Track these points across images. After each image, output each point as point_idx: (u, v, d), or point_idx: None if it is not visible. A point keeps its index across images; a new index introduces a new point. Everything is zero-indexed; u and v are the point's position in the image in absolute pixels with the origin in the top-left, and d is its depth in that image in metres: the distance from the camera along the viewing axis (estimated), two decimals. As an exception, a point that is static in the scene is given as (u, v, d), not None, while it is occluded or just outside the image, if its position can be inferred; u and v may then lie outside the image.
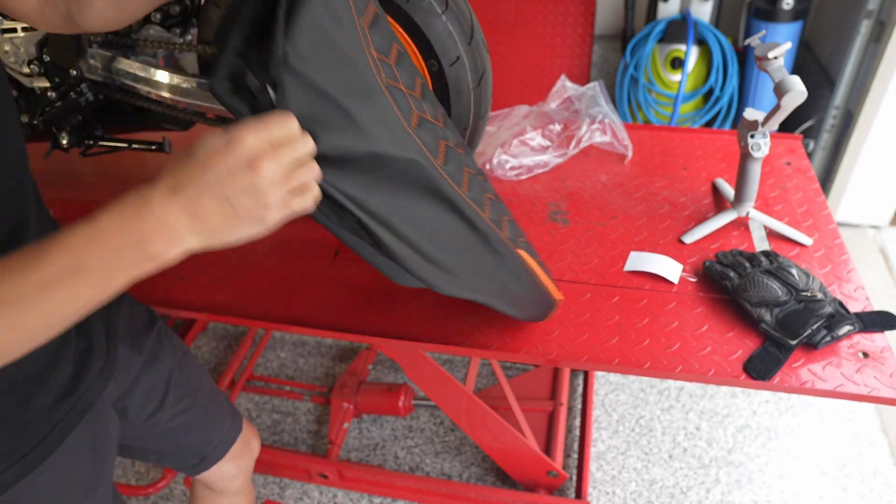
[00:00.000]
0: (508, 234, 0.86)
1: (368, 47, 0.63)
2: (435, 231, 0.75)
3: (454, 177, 0.74)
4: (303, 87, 0.56)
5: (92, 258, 0.52)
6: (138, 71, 1.17)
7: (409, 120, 0.67)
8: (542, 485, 1.64)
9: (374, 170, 0.65)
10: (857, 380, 0.95)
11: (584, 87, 1.52)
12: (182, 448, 1.06)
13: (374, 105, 0.63)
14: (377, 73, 0.63)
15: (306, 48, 0.56)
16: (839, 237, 1.21)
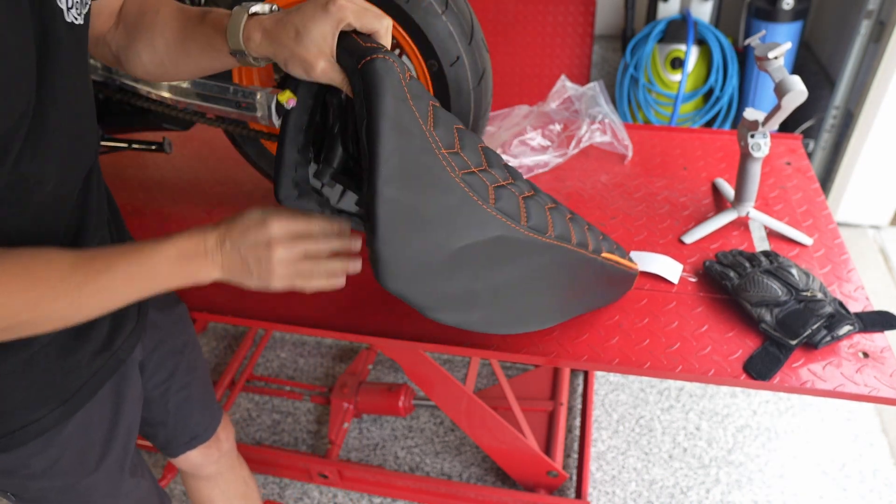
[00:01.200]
0: (593, 247, 0.92)
1: (439, 149, 0.70)
2: (531, 283, 0.85)
3: (539, 227, 0.80)
4: (392, 207, 0.67)
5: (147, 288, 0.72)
6: (138, 71, 1.17)
7: (486, 199, 0.74)
8: (542, 485, 1.64)
9: (468, 256, 0.75)
10: (857, 380, 0.95)
11: (584, 87, 1.52)
12: (180, 423, 1.10)
13: (453, 201, 0.72)
14: (451, 170, 0.71)
15: (388, 172, 0.66)
16: (839, 237, 1.21)
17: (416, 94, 0.69)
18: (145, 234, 1.39)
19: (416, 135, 0.68)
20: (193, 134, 1.70)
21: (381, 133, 0.66)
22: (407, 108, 0.68)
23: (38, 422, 0.77)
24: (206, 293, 1.21)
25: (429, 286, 0.75)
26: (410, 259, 0.71)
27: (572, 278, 0.92)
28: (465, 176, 0.73)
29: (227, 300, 1.19)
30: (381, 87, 0.65)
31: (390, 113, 0.66)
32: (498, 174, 0.80)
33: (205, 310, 1.18)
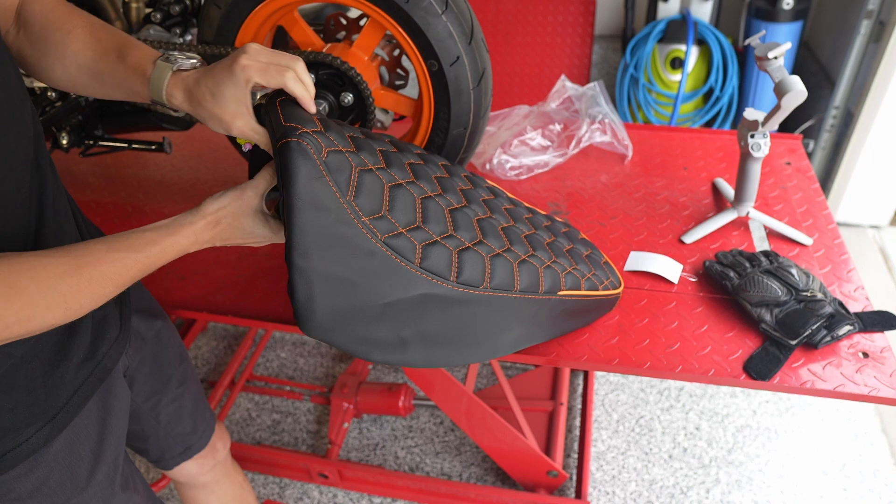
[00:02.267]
0: (546, 287, 0.91)
1: (359, 218, 0.74)
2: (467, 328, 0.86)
3: (471, 280, 0.82)
4: (307, 275, 0.72)
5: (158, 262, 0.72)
6: (138, 71, 1.17)
7: (412, 260, 0.77)
8: (542, 485, 1.64)
9: (393, 310, 0.79)
10: (857, 380, 0.95)
11: (584, 87, 1.52)
12: (172, 435, 1.08)
13: (375, 264, 0.75)
14: (371, 236, 0.74)
15: (302, 246, 0.71)
16: (839, 237, 1.21)
17: (335, 169, 0.73)
18: (145, 234, 1.39)
19: (333, 209, 0.72)
20: (193, 134, 1.70)
21: (294, 211, 0.70)
22: (323, 186, 0.71)
23: (25, 443, 0.74)
24: (206, 293, 1.22)
25: (353, 335, 0.79)
26: (330, 315, 0.76)
27: (520, 319, 0.92)
28: (388, 239, 0.76)
29: (228, 300, 1.20)
30: (294, 169, 0.69)
31: (303, 194, 0.70)
32: (433, 229, 0.81)
33: (205, 310, 1.18)
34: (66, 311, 0.63)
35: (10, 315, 0.58)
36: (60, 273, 0.62)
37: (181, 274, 1.26)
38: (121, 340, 0.89)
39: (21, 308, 0.59)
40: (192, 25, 1.30)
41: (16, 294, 0.59)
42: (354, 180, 0.75)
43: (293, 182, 0.69)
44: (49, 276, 0.61)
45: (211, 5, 1.10)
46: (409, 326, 0.82)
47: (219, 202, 0.76)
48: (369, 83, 1.08)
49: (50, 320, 0.62)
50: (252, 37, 1.14)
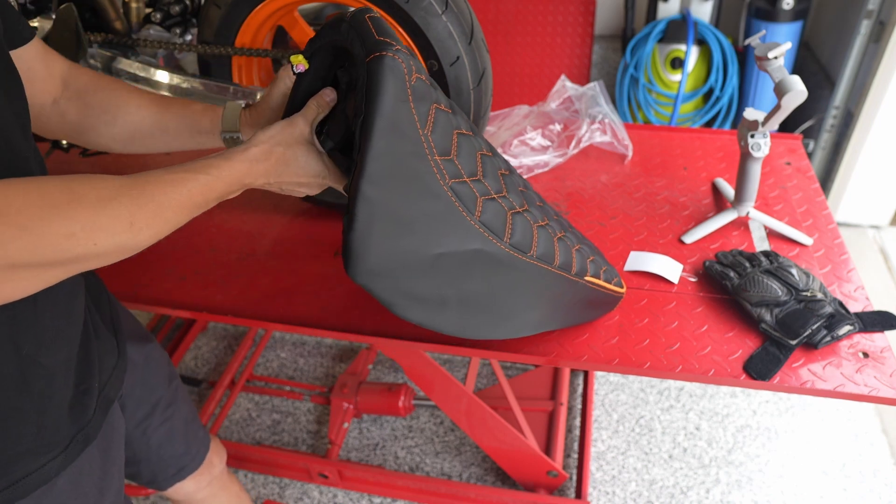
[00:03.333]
0: (577, 269, 0.91)
1: (432, 154, 0.70)
2: (506, 297, 0.84)
3: (521, 245, 0.80)
4: (370, 206, 0.67)
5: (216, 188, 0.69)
6: (138, 71, 1.17)
7: (473, 211, 0.74)
8: (542, 485, 1.64)
9: (444, 264, 0.75)
10: (857, 380, 0.95)
11: (584, 87, 1.52)
12: (164, 457, 1.07)
13: (438, 208, 0.72)
14: (441, 178, 0.71)
15: (374, 171, 0.66)
16: (839, 237, 1.21)
17: (419, 96, 0.69)
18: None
19: (411, 138, 0.68)
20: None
21: (374, 132, 0.66)
22: (406, 110, 0.68)
23: (39, 470, 0.71)
24: (206, 293, 1.22)
25: (397, 285, 0.75)
26: (383, 257, 0.71)
27: (549, 297, 0.91)
28: (454, 184, 0.73)
29: (228, 300, 1.20)
30: (384, 85, 0.65)
31: (387, 113, 0.66)
32: (491, 185, 0.79)
33: (205, 310, 1.18)
34: (131, 228, 0.58)
35: (74, 221, 0.54)
36: (120, 186, 0.59)
37: (181, 274, 1.26)
38: (119, 368, 0.88)
39: (85, 215, 0.55)
40: (192, 25, 1.30)
41: (76, 199, 0.54)
42: (432, 114, 0.71)
43: (380, 99, 0.65)
44: (109, 189, 0.58)
45: (211, 5, 1.10)
46: (452, 286, 0.79)
47: (269, 131, 0.75)
48: (369, 83, 1.08)
49: (117, 236, 0.57)
50: (252, 37, 1.14)
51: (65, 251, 0.54)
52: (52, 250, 0.53)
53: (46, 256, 0.53)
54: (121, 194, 0.58)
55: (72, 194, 0.55)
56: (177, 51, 1.19)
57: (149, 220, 0.60)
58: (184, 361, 2.17)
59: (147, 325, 2.20)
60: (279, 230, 1.36)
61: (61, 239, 0.53)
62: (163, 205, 0.62)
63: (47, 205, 0.53)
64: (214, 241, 1.34)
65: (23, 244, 0.51)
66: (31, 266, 0.52)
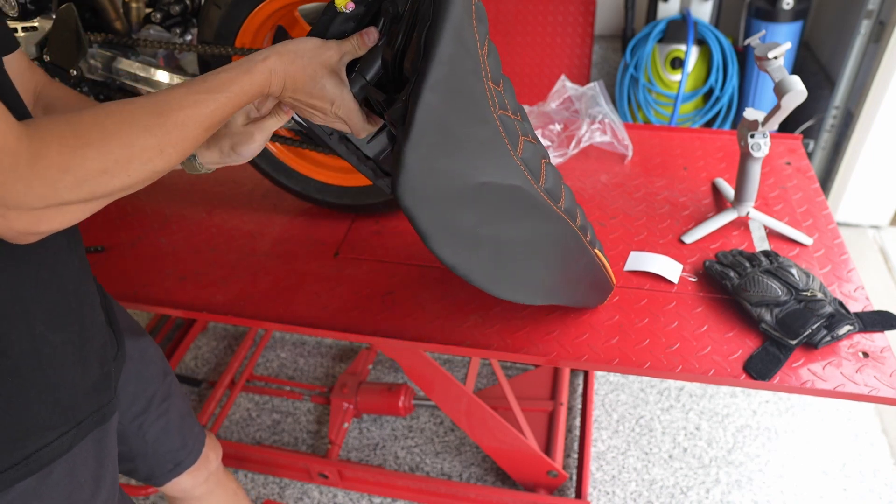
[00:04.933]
0: (590, 238, 0.93)
1: (487, 78, 0.70)
2: (532, 248, 0.85)
3: (553, 193, 0.81)
4: (430, 112, 0.67)
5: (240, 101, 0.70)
6: (138, 71, 1.17)
7: (515, 147, 0.74)
8: (542, 485, 1.64)
9: (483, 196, 0.75)
10: (857, 380, 0.95)
11: (584, 87, 1.52)
12: (161, 452, 1.07)
13: (485, 134, 0.71)
14: (492, 104, 0.71)
15: (438, 78, 0.66)
16: (839, 237, 1.21)
17: (480, 18, 0.69)
18: (145, 233, 1.39)
19: (472, 54, 0.68)
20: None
21: (443, 37, 0.65)
22: (469, 26, 0.68)
23: (52, 443, 0.73)
24: (206, 293, 1.22)
25: (439, 212, 0.74)
26: (430, 175, 0.71)
27: (567, 260, 0.92)
28: (502, 115, 0.73)
29: (227, 300, 1.20)
30: None
31: (455, 21, 0.66)
32: (527, 130, 0.79)
33: (205, 310, 1.18)
34: (161, 154, 0.61)
35: (107, 157, 0.57)
36: (146, 114, 0.61)
37: (181, 274, 1.27)
38: (119, 358, 0.89)
39: (117, 148, 0.58)
40: (192, 25, 1.30)
41: (108, 136, 0.57)
42: (486, 41, 0.71)
43: (451, 6, 0.65)
44: (136, 119, 0.60)
45: (211, 5, 1.10)
46: (489, 224, 0.78)
47: (298, 43, 0.74)
48: (369, 83, 1.08)
49: (148, 164, 0.61)
50: (252, 37, 1.14)
51: (104, 185, 0.58)
52: (93, 186, 0.57)
53: (88, 192, 0.57)
54: (149, 124, 0.61)
55: (103, 131, 0.58)
56: (177, 51, 1.19)
57: (177, 144, 0.63)
58: (184, 361, 2.17)
59: (147, 325, 2.20)
60: (279, 230, 1.36)
61: (100, 175, 0.57)
62: (188, 128, 0.64)
63: (84, 143, 0.56)
64: (214, 241, 1.34)
65: (67, 184, 0.55)
66: (75, 202, 0.57)
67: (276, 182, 1.33)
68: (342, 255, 1.28)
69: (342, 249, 1.29)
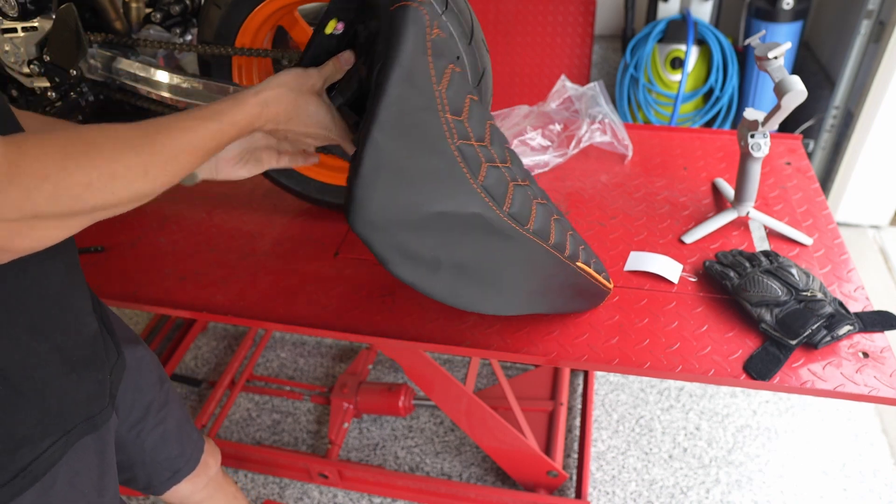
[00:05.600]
0: (569, 252, 0.91)
1: (444, 111, 0.71)
2: (499, 268, 0.84)
3: (520, 217, 0.81)
4: (378, 152, 0.68)
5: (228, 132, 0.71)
6: (138, 71, 1.17)
7: (476, 175, 0.75)
8: (542, 485, 1.64)
9: (441, 223, 0.76)
10: (857, 380, 0.95)
11: (584, 87, 1.52)
12: (159, 460, 1.07)
13: (442, 165, 0.72)
14: (450, 136, 0.72)
15: (386, 118, 0.68)
16: (839, 237, 1.21)
17: (438, 52, 0.69)
18: (145, 233, 1.39)
19: (425, 91, 0.69)
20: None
21: (391, 80, 0.66)
22: (423, 63, 0.68)
23: (42, 456, 0.72)
24: (206, 293, 1.22)
25: (395, 239, 0.75)
26: (384, 208, 0.72)
27: (541, 276, 0.91)
28: (462, 145, 0.73)
29: (228, 300, 1.20)
30: (405, 34, 0.67)
31: (405, 62, 0.67)
32: (496, 153, 0.79)
33: (205, 310, 1.18)
34: (146, 176, 0.60)
35: (91, 170, 0.55)
36: (134, 134, 0.61)
37: (181, 274, 1.26)
38: (118, 366, 0.89)
39: (102, 163, 0.56)
40: (192, 25, 1.30)
41: (93, 148, 0.56)
42: (449, 72, 0.72)
43: (400, 47, 0.66)
44: (123, 137, 0.60)
45: (211, 5, 1.10)
46: (448, 248, 0.79)
47: (283, 76, 0.77)
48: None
49: (133, 184, 0.59)
50: (252, 37, 1.14)
51: (84, 200, 0.56)
52: (72, 199, 0.55)
53: (66, 206, 0.55)
54: (135, 143, 0.60)
55: (89, 144, 0.56)
56: (177, 51, 1.19)
57: (163, 167, 0.62)
58: (184, 361, 2.17)
59: (147, 325, 2.20)
60: (279, 230, 1.36)
61: (80, 188, 0.55)
62: (176, 152, 0.63)
63: (65, 155, 0.54)
64: (214, 241, 1.34)
65: (44, 194, 0.52)
66: (52, 216, 0.54)
67: (276, 182, 1.33)
68: (342, 255, 1.28)
69: (342, 249, 1.29)
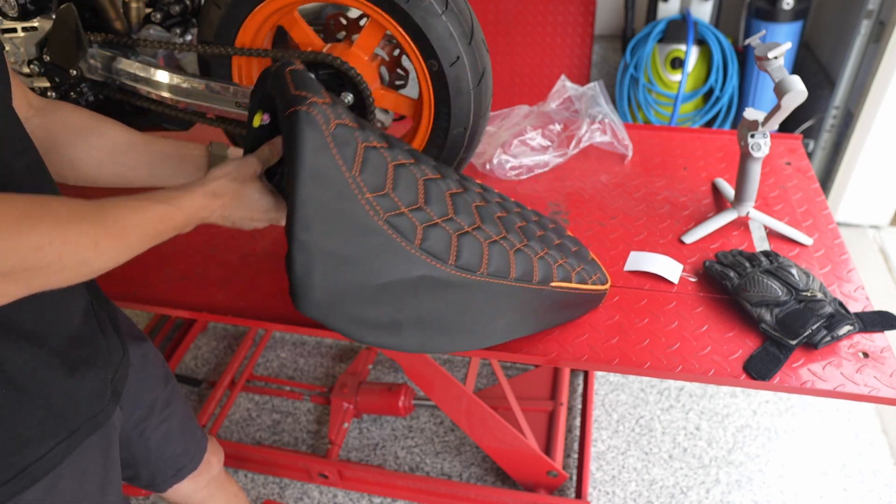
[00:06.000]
0: (539, 277, 0.91)
1: (362, 194, 0.73)
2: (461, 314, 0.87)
3: (469, 265, 0.82)
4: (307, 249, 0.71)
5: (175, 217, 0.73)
6: (138, 71, 1.17)
7: (412, 240, 0.77)
8: (542, 485, 1.64)
9: (391, 291, 0.78)
10: (857, 380, 0.95)
11: (584, 87, 1.52)
12: (163, 458, 1.07)
13: (375, 242, 0.75)
14: (374, 213, 0.74)
15: (304, 218, 0.70)
16: (839, 237, 1.21)
17: (341, 142, 0.72)
18: (145, 234, 1.39)
19: (337, 182, 0.72)
20: (193, 134, 1.70)
21: (298, 182, 0.69)
22: (328, 157, 0.71)
23: (45, 456, 0.73)
24: (206, 293, 1.22)
25: (349, 314, 0.78)
26: (328, 291, 0.75)
27: (511, 307, 0.92)
28: (390, 218, 0.76)
29: (228, 300, 1.20)
30: (301, 139, 0.69)
31: (308, 165, 0.69)
32: (435, 210, 0.81)
33: (205, 310, 1.18)
34: (95, 248, 0.60)
35: (42, 234, 0.55)
36: (87, 207, 0.61)
37: (181, 274, 1.26)
38: (124, 364, 0.89)
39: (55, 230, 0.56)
40: (192, 25, 1.30)
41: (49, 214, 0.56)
42: (360, 155, 0.74)
43: (299, 152, 0.69)
44: (78, 208, 0.60)
45: (211, 5, 1.10)
46: (405, 309, 0.81)
47: (225, 168, 0.79)
48: (369, 83, 1.08)
49: (81, 253, 0.59)
50: (252, 37, 1.14)
51: (30, 262, 0.55)
52: (19, 260, 0.54)
53: (14, 264, 0.54)
54: (89, 214, 0.61)
55: (44, 209, 0.57)
56: (177, 51, 1.19)
57: (112, 241, 0.63)
58: (184, 361, 2.17)
59: (147, 325, 2.20)
60: (279, 230, 1.35)
61: (30, 250, 0.54)
62: (126, 229, 0.64)
63: (21, 216, 0.54)
64: (214, 241, 1.34)
65: None
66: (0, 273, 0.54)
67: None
68: (342, 255, 1.28)
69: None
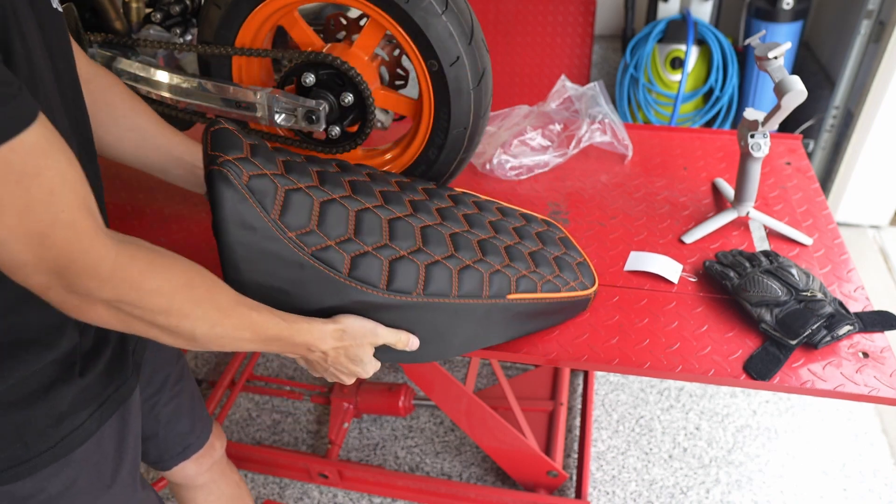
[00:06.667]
0: (493, 291, 0.94)
1: (284, 234, 0.80)
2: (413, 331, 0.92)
3: (403, 288, 0.87)
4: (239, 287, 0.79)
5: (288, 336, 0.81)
6: (138, 71, 1.17)
7: (341, 270, 0.83)
8: (542, 485, 1.64)
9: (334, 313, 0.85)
10: (857, 380, 0.95)
11: (584, 87, 1.52)
12: (172, 434, 1.09)
13: (306, 274, 0.82)
14: (299, 249, 0.80)
15: (232, 262, 0.79)
16: (839, 237, 1.21)
17: (258, 191, 0.78)
18: (145, 234, 1.39)
19: (259, 228, 0.78)
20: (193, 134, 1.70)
21: (221, 232, 0.77)
22: (246, 206, 0.77)
23: (82, 426, 0.77)
24: (206, 293, 1.22)
25: None
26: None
27: (469, 322, 0.94)
28: (316, 252, 0.81)
29: (227, 300, 1.19)
30: (218, 195, 0.76)
31: (228, 216, 0.77)
32: (367, 240, 0.86)
33: (205, 310, 1.18)
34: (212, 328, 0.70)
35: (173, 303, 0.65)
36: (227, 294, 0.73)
37: (181, 274, 1.26)
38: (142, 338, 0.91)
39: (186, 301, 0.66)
40: (192, 25, 1.30)
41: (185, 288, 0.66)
42: (280, 199, 0.81)
43: (219, 206, 0.76)
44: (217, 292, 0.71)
45: (211, 5, 1.10)
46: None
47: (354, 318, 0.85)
48: (369, 83, 1.08)
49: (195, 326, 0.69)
50: (252, 37, 1.14)
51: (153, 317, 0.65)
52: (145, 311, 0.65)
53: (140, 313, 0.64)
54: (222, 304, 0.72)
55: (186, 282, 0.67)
56: (177, 51, 1.19)
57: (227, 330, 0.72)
58: (184, 361, 2.17)
59: (147, 325, 2.20)
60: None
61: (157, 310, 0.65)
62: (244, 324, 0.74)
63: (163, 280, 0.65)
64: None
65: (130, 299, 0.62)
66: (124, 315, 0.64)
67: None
68: (342, 255, 1.28)
69: (342, 249, 1.29)
